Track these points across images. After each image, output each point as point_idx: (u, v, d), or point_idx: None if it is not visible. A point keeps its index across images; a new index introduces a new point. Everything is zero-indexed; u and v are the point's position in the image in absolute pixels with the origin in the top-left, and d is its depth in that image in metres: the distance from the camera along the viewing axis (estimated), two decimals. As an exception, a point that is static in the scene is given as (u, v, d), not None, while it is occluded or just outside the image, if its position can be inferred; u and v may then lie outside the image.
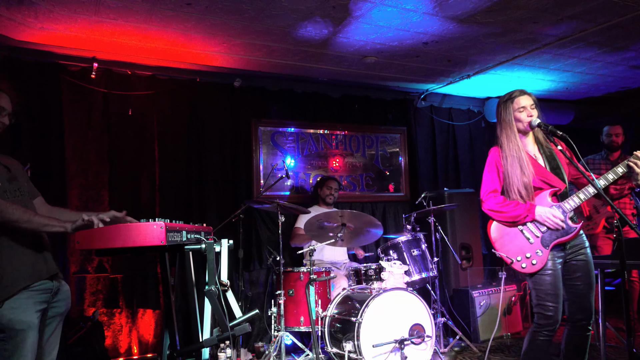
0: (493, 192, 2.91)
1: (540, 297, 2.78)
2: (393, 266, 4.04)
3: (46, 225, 2.30)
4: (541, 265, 2.77)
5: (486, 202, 2.92)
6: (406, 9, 3.85)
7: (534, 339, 2.81)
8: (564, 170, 2.91)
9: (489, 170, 2.97)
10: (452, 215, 5.50)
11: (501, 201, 2.87)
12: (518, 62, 5.18)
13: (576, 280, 2.81)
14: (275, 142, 5.47)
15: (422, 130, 6.30)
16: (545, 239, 2.80)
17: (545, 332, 2.76)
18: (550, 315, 2.75)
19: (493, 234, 2.95)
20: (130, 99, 4.76)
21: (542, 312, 2.77)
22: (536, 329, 2.80)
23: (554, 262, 2.78)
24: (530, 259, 2.79)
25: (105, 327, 4.45)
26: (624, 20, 4.19)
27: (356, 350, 3.54)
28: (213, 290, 2.43)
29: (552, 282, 2.76)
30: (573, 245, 2.84)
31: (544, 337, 2.77)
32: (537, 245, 2.80)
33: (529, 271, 2.80)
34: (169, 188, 4.83)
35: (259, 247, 5.16)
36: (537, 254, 2.79)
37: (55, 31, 3.99)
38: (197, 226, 2.71)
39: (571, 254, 2.83)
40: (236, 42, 4.38)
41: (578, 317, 2.80)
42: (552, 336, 2.78)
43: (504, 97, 2.98)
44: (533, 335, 2.82)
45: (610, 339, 4.55)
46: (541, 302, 2.78)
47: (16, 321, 2.21)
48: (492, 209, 2.89)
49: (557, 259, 2.79)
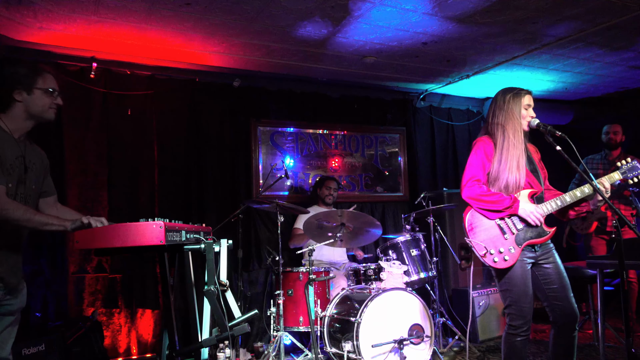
0: (476, 181, 2.86)
1: (513, 298, 2.77)
2: (392, 266, 4.04)
3: (46, 224, 2.30)
4: (512, 263, 2.76)
5: (468, 190, 2.86)
6: (405, 9, 3.85)
7: (511, 342, 2.79)
8: (540, 173, 2.93)
9: (476, 159, 2.91)
10: (451, 215, 5.50)
11: (485, 191, 2.84)
12: (517, 63, 5.18)
13: (552, 284, 2.81)
14: (275, 142, 5.47)
15: (422, 130, 6.30)
16: (519, 237, 2.80)
17: (521, 332, 2.76)
18: (524, 315, 2.75)
19: (469, 221, 2.91)
20: (129, 99, 4.76)
21: (517, 312, 2.76)
22: (512, 331, 2.79)
23: (524, 262, 2.79)
24: (502, 255, 2.78)
25: (104, 327, 4.45)
26: (622, 20, 4.19)
27: (355, 350, 3.54)
28: (212, 290, 2.43)
29: (525, 283, 2.77)
30: (543, 247, 2.86)
31: (521, 338, 2.77)
32: (511, 242, 2.80)
33: (499, 266, 2.78)
34: (168, 188, 4.83)
35: (258, 247, 5.16)
36: (509, 250, 2.78)
37: (54, 31, 3.98)
38: (196, 226, 2.71)
39: (541, 256, 2.84)
40: (235, 42, 4.38)
41: (563, 321, 2.79)
42: (528, 335, 2.78)
43: (512, 89, 2.93)
44: (509, 338, 2.80)
45: (609, 339, 4.55)
46: (514, 302, 2.77)
47: None
48: (473, 197, 2.84)
49: (527, 258, 2.80)
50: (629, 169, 2.89)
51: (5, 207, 2.22)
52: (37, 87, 2.45)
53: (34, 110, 2.47)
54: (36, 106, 2.47)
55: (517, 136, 2.84)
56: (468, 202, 2.90)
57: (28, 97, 2.44)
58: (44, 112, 2.50)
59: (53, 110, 2.54)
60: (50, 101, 2.50)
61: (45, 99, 2.48)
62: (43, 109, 2.50)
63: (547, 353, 2.95)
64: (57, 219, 2.35)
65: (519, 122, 2.87)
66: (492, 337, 4.89)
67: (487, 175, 2.90)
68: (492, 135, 2.93)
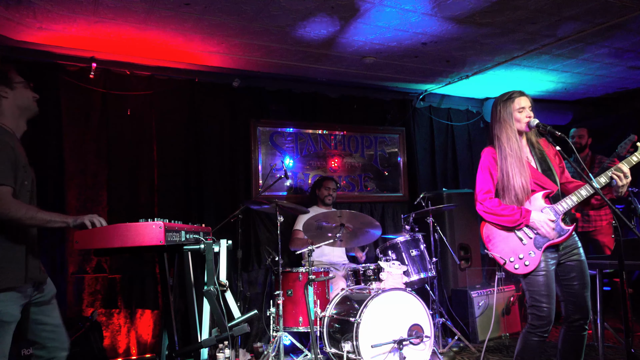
0: (488, 193, 2.91)
1: (534, 298, 2.78)
2: (392, 266, 4.04)
3: (49, 221, 2.34)
4: (534, 267, 2.77)
5: (482, 204, 2.91)
6: (405, 10, 3.85)
7: (527, 340, 2.81)
8: (555, 172, 2.92)
9: (483, 170, 2.96)
10: (451, 215, 5.50)
11: (497, 204, 2.87)
12: (517, 63, 5.19)
13: (572, 280, 2.81)
14: (274, 143, 5.46)
15: (421, 130, 6.30)
16: (538, 240, 2.80)
17: (539, 332, 2.76)
18: (544, 316, 2.75)
19: (486, 234, 2.95)
20: (129, 99, 4.75)
21: (536, 312, 2.77)
22: (530, 329, 2.80)
23: (547, 263, 2.78)
24: (522, 260, 2.79)
25: (104, 328, 4.44)
26: (622, 21, 4.20)
27: (355, 351, 3.54)
28: (212, 291, 2.43)
29: (546, 283, 2.76)
30: (566, 246, 2.84)
31: (537, 338, 2.77)
32: (530, 246, 2.81)
33: (522, 272, 2.80)
34: (167, 188, 4.83)
35: (257, 247, 5.16)
36: (529, 255, 2.79)
37: (53, 31, 3.98)
38: (195, 226, 2.71)
39: (565, 255, 2.83)
40: (235, 42, 4.38)
41: (575, 317, 2.80)
42: (545, 337, 2.78)
43: (503, 97, 2.97)
44: (527, 336, 2.82)
45: (609, 339, 4.55)
46: (535, 303, 2.78)
47: (4, 313, 2.28)
48: (488, 212, 2.88)
49: (550, 260, 2.79)
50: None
51: (7, 207, 2.26)
52: (15, 82, 2.52)
53: (23, 103, 2.54)
54: (23, 99, 2.54)
55: (511, 144, 2.87)
56: (483, 216, 2.94)
57: (12, 92, 2.51)
58: (30, 105, 2.57)
59: (35, 104, 2.60)
60: (31, 94, 2.58)
61: (27, 91, 2.56)
62: (29, 101, 2.56)
63: (549, 352, 2.96)
64: (58, 215, 2.38)
65: (512, 129, 2.89)
66: (491, 337, 4.90)
67: (496, 185, 2.92)
68: (493, 146, 2.98)
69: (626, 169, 2.73)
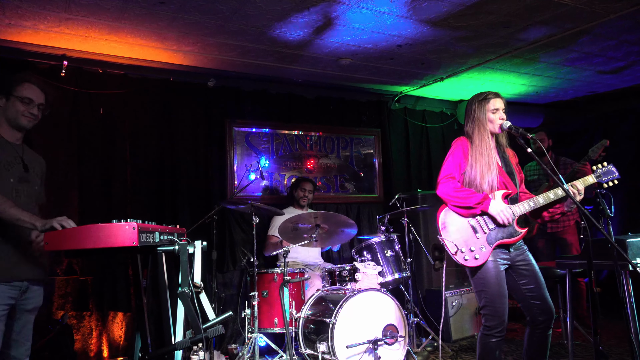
0: (451, 178, 2.94)
1: (487, 298, 2.81)
2: (367, 267, 4.06)
3: (18, 219, 2.39)
4: (483, 261, 2.81)
5: (442, 186, 2.94)
6: (380, 12, 3.88)
7: (486, 342, 2.83)
8: (516, 177, 3.00)
9: (453, 157, 3.00)
10: (425, 216, 5.56)
11: (458, 187, 2.91)
12: (490, 66, 5.27)
13: (529, 284, 2.86)
14: (250, 143, 5.44)
15: (396, 132, 6.36)
16: (491, 237, 2.86)
17: (495, 333, 2.80)
18: (497, 316, 2.79)
19: (442, 220, 2.97)
20: (102, 98, 4.67)
21: (492, 313, 2.80)
22: (487, 331, 2.83)
23: (497, 263, 2.83)
24: (473, 253, 2.84)
25: (75, 331, 4.35)
26: (590, 26, 4.30)
27: (330, 351, 3.55)
28: (186, 292, 2.41)
29: (499, 284, 2.81)
30: (517, 247, 2.92)
31: (496, 339, 2.80)
32: (482, 241, 2.86)
33: (470, 265, 2.84)
34: (141, 188, 4.76)
35: (232, 248, 5.13)
36: (481, 249, 2.84)
37: (23, 27, 3.89)
38: (170, 227, 2.68)
39: (516, 259, 2.89)
40: (210, 42, 4.35)
41: (541, 319, 2.84)
42: (502, 336, 2.82)
43: (478, 96, 3.02)
44: (484, 338, 2.84)
45: (577, 337, 4.66)
46: (488, 303, 2.81)
47: None
48: (447, 193, 2.91)
49: (500, 260, 2.84)
50: (604, 173, 2.93)
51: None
52: (14, 95, 2.63)
53: (9, 115, 2.64)
54: (10, 112, 2.64)
55: (483, 143, 2.93)
56: (442, 197, 2.96)
57: (6, 104, 2.63)
58: (16, 118, 2.65)
59: (27, 119, 2.68)
60: (24, 109, 2.65)
61: (19, 106, 2.64)
62: (16, 115, 2.65)
63: (518, 352, 3.01)
64: (29, 215, 2.42)
65: (485, 128, 2.96)
66: (465, 336, 4.96)
67: (462, 175, 2.95)
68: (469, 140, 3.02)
69: (581, 187, 2.87)
